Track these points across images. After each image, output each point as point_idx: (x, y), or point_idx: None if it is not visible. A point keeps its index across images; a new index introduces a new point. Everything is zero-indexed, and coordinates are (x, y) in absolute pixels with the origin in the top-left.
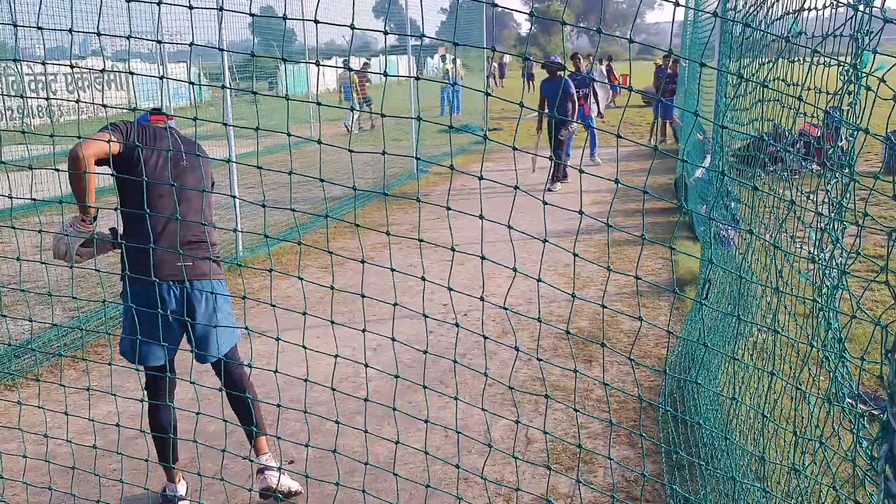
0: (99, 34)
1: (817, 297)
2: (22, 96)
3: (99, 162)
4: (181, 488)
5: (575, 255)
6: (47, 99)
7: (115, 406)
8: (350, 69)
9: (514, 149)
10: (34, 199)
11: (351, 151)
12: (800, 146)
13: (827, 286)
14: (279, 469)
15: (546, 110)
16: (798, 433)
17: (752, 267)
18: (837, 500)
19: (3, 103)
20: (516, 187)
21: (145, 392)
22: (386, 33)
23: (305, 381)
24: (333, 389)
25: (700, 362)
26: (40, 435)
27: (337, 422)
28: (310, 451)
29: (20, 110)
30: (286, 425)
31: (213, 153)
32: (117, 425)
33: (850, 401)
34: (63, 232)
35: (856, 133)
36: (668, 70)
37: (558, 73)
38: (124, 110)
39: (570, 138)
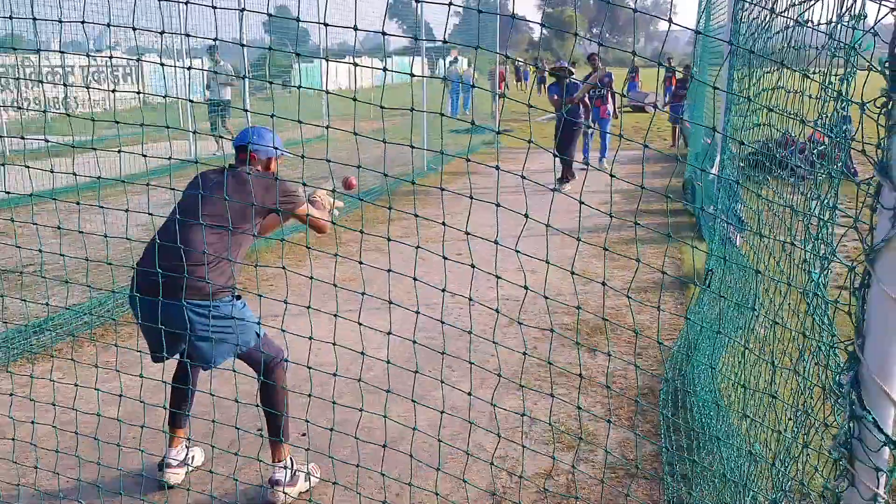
0: (110, 26)
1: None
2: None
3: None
4: (174, 453)
5: (579, 239)
6: (36, 86)
7: (120, 382)
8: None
9: (530, 142)
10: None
11: (357, 145)
12: (809, 153)
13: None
14: (292, 473)
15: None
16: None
17: (762, 261)
18: (822, 465)
19: (22, 95)
20: (523, 176)
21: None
22: (384, 34)
23: (308, 368)
24: (335, 374)
25: (697, 348)
26: (51, 405)
27: (333, 403)
28: (323, 425)
29: (37, 101)
30: (301, 400)
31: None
32: (120, 395)
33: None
34: None
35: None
36: (679, 75)
37: (564, 78)
38: (133, 100)
39: (588, 138)
